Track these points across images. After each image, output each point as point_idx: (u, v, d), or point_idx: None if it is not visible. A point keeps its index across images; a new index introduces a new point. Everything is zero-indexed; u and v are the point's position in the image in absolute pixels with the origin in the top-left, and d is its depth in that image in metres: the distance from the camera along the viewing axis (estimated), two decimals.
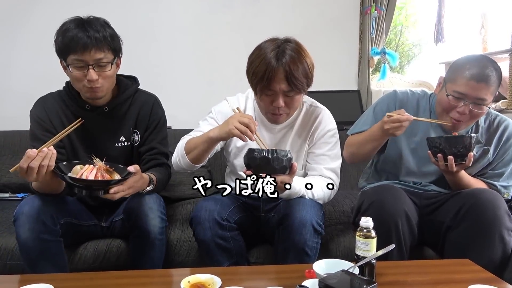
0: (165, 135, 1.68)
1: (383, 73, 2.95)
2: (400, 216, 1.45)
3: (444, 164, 1.47)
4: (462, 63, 1.51)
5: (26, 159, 1.22)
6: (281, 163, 1.30)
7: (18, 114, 1.93)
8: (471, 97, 1.46)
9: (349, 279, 0.99)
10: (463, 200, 1.49)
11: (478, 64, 1.47)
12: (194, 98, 2.69)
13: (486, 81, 1.45)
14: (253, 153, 1.31)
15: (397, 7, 3.24)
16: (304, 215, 1.42)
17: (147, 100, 1.64)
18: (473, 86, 1.45)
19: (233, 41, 2.72)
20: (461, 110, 1.48)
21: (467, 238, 1.44)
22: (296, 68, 1.40)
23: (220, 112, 1.62)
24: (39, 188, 1.42)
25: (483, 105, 1.48)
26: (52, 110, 1.53)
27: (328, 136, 1.60)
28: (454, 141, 1.46)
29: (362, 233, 1.14)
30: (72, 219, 1.52)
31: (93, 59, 1.40)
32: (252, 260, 1.62)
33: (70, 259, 1.58)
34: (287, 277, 1.17)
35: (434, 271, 1.28)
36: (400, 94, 1.70)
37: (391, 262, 1.39)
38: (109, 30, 1.46)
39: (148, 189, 1.48)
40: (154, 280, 1.27)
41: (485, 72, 1.45)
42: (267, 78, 1.40)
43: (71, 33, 1.39)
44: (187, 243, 1.66)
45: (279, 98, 1.45)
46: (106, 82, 1.47)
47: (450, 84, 1.51)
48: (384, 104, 1.70)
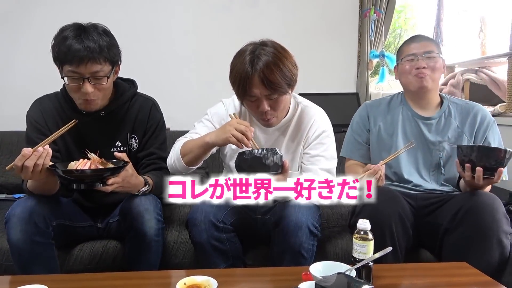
0: (164, 139, 1.67)
1: (382, 76, 2.95)
2: (394, 219, 1.44)
3: (471, 175, 1.44)
4: (402, 45, 1.75)
5: (21, 157, 1.23)
6: (273, 160, 1.30)
7: (16, 114, 1.92)
8: (419, 53, 1.66)
9: (346, 282, 0.98)
10: (461, 202, 1.49)
11: (413, 36, 1.74)
12: (192, 100, 2.68)
13: (426, 38, 1.71)
14: (243, 155, 1.31)
15: (396, 10, 3.25)
16: (300, 217, 1.41)
17: (144, 104, 1.62)
18: (417, 46, 1.68)
19: (232, 44, 2.68)
20: (418, 65, 1.64)
21: (465, 241, 1.44)
22: (270, 72, 1.38)
23: (215, 114, 1.62)
24: (34, 188, 1.41)
25: (435, 56, 1.65)
26: (48, 112, 1.52)
27: (323, 137, 1.60)
28: (487, 152, 1.42)
29: (359, 236, 1.14)
30: (66, 221, 1.51)
31: (89, 71, 1.38)
32: (248, 262, 1.61)
33: (65, 260, 1.57)
34: (284, 279, 1.17)
35: (431, 274, 1.27)
36: (369, 103, 1.86)
37: (388, 265, 1.38)
38: (107, 39, 1.42)
39: (143, 190, 1.48)
40: (150, 281, 1.26)
41: (419, 35, 1.74)
42: (243, 85, 1.41)
43: (67, 43, 1.36)
44: (184, 244, 1.66)
45: (263, 103, 1.44)
46: (102, 94, 1.46)
47: (401, 58, 1.71)
48: (357, 118, 1.83)
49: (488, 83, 2.70)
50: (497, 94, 2.63)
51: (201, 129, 1.60)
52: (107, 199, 1.59)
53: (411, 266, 1.41)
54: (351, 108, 2.74)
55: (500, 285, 1.18)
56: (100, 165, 1.34)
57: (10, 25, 2.57)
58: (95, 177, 1.31)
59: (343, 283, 0.98)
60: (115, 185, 1.33)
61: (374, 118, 1.79)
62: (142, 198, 1.46)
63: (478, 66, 2.79)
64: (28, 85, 2.53)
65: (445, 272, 1.30)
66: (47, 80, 1.95)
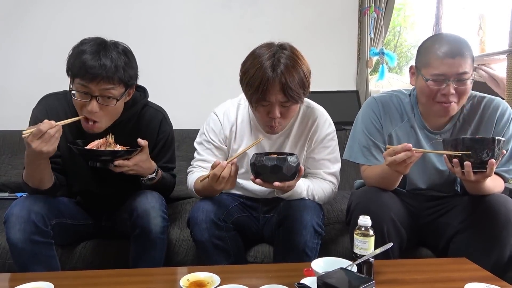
0: (173, 152, 1.68)
1: (382, 73, 2.96)
2: (385, 221, 1.41)
3: (461, 171, 1.29)
4: (430, 45, 1.44)
5: (45, 124, 1.26)
6: (292, 170, 1.29)
7: (17, 114, 1.93)
8: (451, 74, 1.39)
9: (347, 277, 0.99)
10: (474, 203, 1.45)
11: (446, 40, 1.41)
12: (193, 99, 2.69)
13: (461, 54, 1.38)
14: (263, 161, 1.28)
15: (396, 8, 3.26)
16: (305, 216, 1.42)
17: (154, 116, 1.59)
18: (450, 63, 1.38)
19: (232, 42, 2.72)
20: (446, 91, 1.40)
21: (476, 243, 1.41)
22: (292, 78, 1.35)
23: (212, 131, 1.61)
24: (30, 176, 1.40)
25: (466, 80, 1.40)
26: (53, 111, 1.51)
27: (327, 140, 1.60)
28: (473, 144, 1.25)
29: (360, 232, 1.15)
30: (67, 219, 1.51)
31: (99, 89, 1.35)
32: (250, 260, 1.63)
33: (68, 258, 1.59)
34: (286, 276, 1.18)
35: (432, 270, 1.29)
36: (380, 98, 1.61)
37: (389, 260, 1.39)
38: (125, 59, 1.39)
39: (150, 177, 1.49)
40: (154, 278, 1.27)
41: (457, 46, 1.39)
42: (263, 90, 1.36)
43: (83, 57, 1.33)
44: (186, 242, 1.67)
45: (275, 109, 1.40)
46: (106, 117, 1.42)
47: (425, 70, 1.43)
48: (367, 117, 1.60)
49: (487, 80, 2.71)
50: (496, 91, 2.64)
51: (204, 152, 1.61)
52: (110, 199, 1.60)
53: (412, 262, 1.42)
54: (351, 106, 2.76)
55: (499, 279, 1.19)
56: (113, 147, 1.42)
57: (10, 25, 2.57)
58: (110, 156, 1.39)
59: (344, 278, 0.99)
60: (125, 168, 1.40)
61: (385, 122, 1.59)
62: (148, 196, 1.47)
63: (477, 63, 2.79)
64: (28, 85, 2.53)
65: (446, 268, 1.31)
66: (47, 80, 1.96)
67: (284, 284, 1.07)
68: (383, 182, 1.50)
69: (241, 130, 1.60)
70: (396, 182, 1.49)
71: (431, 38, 1.48)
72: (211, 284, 1.11)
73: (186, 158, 2.13)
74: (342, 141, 1.74)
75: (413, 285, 1.19)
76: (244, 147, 1.57)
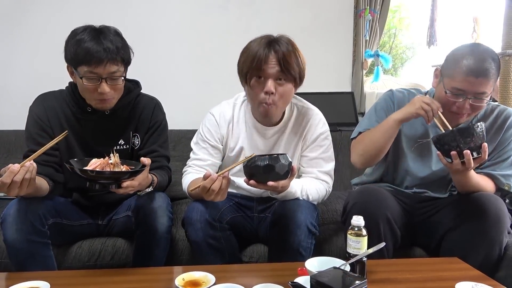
0: (166, 138, 1.69)
1: (377, 75, 2.98)
2: (381, 220, 1.44)
3: (460, 162, 1.34)
4: (459, 56, 1.42)
5: (10, 174, 1.19)
6: (285, 169, 1.30)
7: (14, 113, 1.93)
8: (470, 92, 1.40)
9: (340, 276, 1.01)
10: (465, 202, 1.49)
11: (475, 56, 1.39)
12: (191, 99, 2.70)
13: (486, 75, 1.37)
14: (255, 162, 1.29)
15: (391, 10, 3.28)
16: (299, 216, 1.43)
17: (148, 103, 1.64)
18: (472, 82, 1.38)
19: (229, 43, 2.73)
20: (461, 105, 1.43)
21: (466, 240, 1.44)
22: (289, 55, 1.44)
23: (208, 130, 1.63)
24: None
25: (484, 99, 1.42)
26: (51, 109, 1.53)
27: (321, 139, 1.62)
28: (467, 133, 1.31)
29: (354, 232, 1.17)
30: (63, 219, 1.51)
31: (106, 72, 1.40)
32: (245, 260, 1.63)
33: (64, 257, 1.59)
34: (280, 275, 1.19)
35: (424, 269, 1.31)
36: (397, 93, 1.69)
37: (381, 260, 1.41)
38: (121, 40, 1.46)
39: (147, 191, 1.48)
40: (149, 277, 1.28)
41: (484, 66, 1.37)
42: (258, 62, 1.42)
43: (86, 45, 1.37)
44: (181, 242, 1.68)
45: (270, 83, 1.44)
46: (117, 94, 1.49)
47: (447, 80, 1.45)
48: (383, 103, 1.67)
49: None
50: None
51: (200, 151, 1.62)
52: (108, 198, 1.61)
53: (404, 262, 1.44)
54: (346, 107, 2.78)
55: (490, 278, 1.21)
56: (117, 167, 1.30)
57: (10, 25, 2.57)
58: (112, 179, 1.29)
59: (337, 277, 1.00)
60: (130, 188, 1.30)
61: None
62: (155, 196, 1.48)
63: None
64: (26, 84, 2.53)
65: (437, 267, 1.33)
66: (45, 79, 1.96)
67: (278, 283, 1.08)
68: (377, 140, 1.53)
69: (237, 129, 1.63)
70: (389, 141, 1.53)
71: (464, 49, 1.45)
72: (206, 283, 1.12)
73: (182, 159, 2.13)
74: (337, 142, 1.76)
75: (405, 284, 1.21)
76: (241, 145, 1.60)
